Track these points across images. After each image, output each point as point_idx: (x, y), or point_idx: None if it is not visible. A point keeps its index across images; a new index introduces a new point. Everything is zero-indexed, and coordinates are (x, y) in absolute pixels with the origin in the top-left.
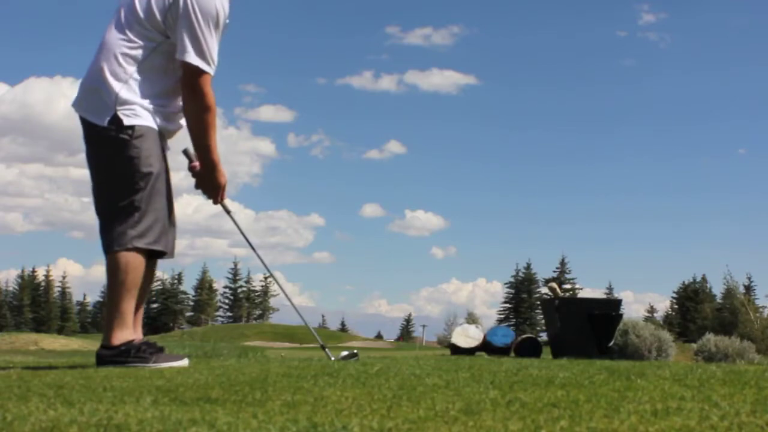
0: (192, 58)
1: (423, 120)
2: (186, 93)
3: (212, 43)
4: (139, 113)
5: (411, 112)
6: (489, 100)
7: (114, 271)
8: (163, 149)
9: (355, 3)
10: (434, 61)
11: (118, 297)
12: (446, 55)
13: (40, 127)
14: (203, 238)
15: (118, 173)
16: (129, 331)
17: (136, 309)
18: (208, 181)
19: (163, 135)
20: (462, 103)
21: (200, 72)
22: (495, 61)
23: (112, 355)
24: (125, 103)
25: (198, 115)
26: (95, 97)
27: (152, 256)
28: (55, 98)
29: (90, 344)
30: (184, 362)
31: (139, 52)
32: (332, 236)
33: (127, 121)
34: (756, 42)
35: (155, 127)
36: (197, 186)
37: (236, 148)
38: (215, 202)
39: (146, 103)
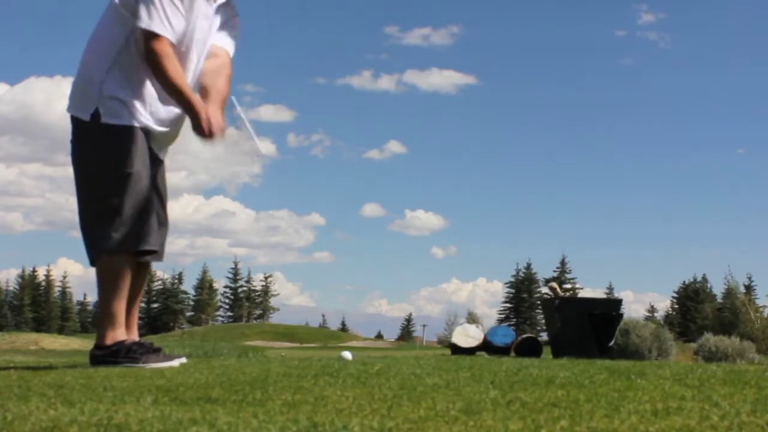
0: (143, 23)
1: (423, 120)
2: (145, 61)
3: (169, 7)
4: (119, 109)
5: (411, 112)
6: (488, 100)
7: (102, 274)
8: (150, 148)
9: (354, 3)
10: (433, 61)
11: (107, 298)
12: (445, 55)
13: (40, 127)
14: (203, 237)
15: (99, 174)
16: (121, 331)
17: (132, 310)
18: (194, 121)
19: (149, 133)
20: (461, 103)
21: (152, 35)
22: (494, 61)
23: (103, 355)
24: (107, 97)
25: (160, 77)
26: (79, 90)
27: (141, 256)
28: (55, 98)
29: (90, 344)
30: (174, 363)
31: (119, 40)
32: (332, 236)
33: (107, 119)
34: (755, 42)
35: (137, 124)
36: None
37: (236, 148)
38: (211, 136)
39: (129, 97)
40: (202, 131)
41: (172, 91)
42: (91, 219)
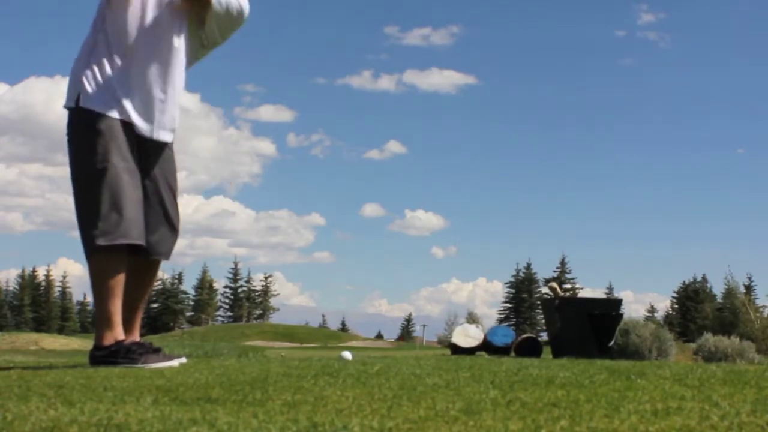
0: None
1: (423, 120)
2: None
3: None
4: (96, 94)
5: (411, 112)
6: (488, 100)
7: (92, 275)
8: (131, 138)
9: (354, 3)
10: (433, 61)
11: (100, 299)
12: (446, 55)
13: (40, 127)
14: (203, 238)
15: (78, 170)
16: (118, 330)
17: (134, 310)
18: None
19: (131, 124)
20: (461, 103)
21: None
22: (494, 61)
23: (102, 356)
24: (85, 82)
25: None
26: (69, 83)
27: (137, 255)
28: (55, 98)
29: (90, 344)
30: (174, 363)
31: (96, 25)
32: (332, 236)
33: (85, 103)
34: (755, 42)
35: (115, 115)
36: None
37: (236, 148)
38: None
39: (106, 82)
40: None
41: None
42: (79, 219)
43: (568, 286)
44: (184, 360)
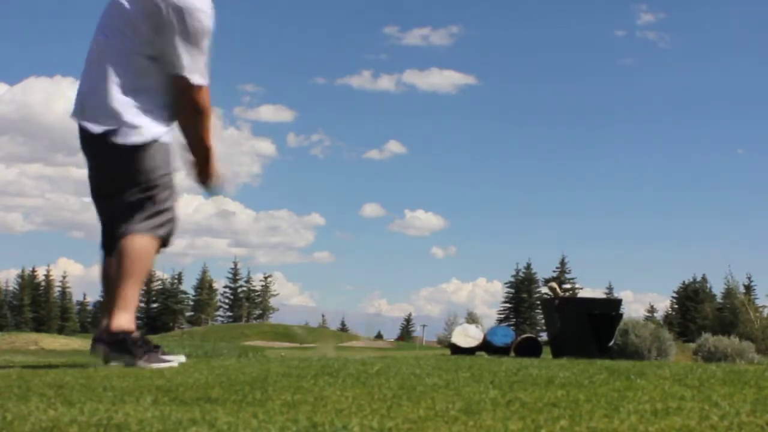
0: (188, 71)
1: (423, 120)
2: (192, 111)
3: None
4: (147, 123)
5: (411, 112)
6: (488, 100)
7: (127, 255)
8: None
9: (354, 3)
10: (433, 61)
11: (132, 283)
12: (445, 55)
13: (40, 127)
14: (203, 237)
15: (154, 172)
16: (132, 318)
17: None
18: (204, 172)
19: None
20: (461, 103)
21: (200, 87)
22: (494, 61)
23: (109, 342)
24: (145, 119)
25: (201, 131)
26: (103, 105)
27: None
28: (55, 98)
29: (89, 344)
30: (174, 363)
31: (135, 59)
32: (332, 236)
33: (140, 132)
34: (755, 42)
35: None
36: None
37: (236, 148)
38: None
39: (146, 111)
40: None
41: (201, 147)
42: (131, 208)
43: (568, 286)
44: (183, 360)
